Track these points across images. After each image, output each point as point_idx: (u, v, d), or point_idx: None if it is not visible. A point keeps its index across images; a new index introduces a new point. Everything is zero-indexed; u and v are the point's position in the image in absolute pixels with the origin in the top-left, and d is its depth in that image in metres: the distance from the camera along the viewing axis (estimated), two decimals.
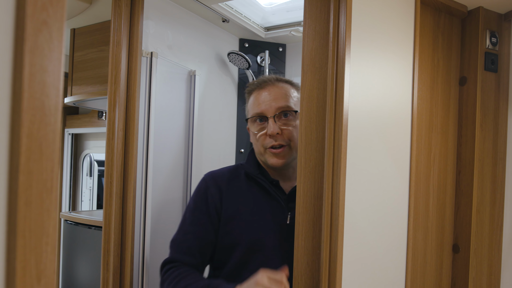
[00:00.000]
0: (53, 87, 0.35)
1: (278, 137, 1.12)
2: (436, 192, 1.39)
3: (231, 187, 1.18)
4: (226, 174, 1.22)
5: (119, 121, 1.41)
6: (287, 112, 1.13)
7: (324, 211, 0.99)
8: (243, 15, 1.88)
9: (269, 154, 1.14)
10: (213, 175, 1.22)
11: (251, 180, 1.18)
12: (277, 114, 1.12)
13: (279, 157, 1.13)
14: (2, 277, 0.34)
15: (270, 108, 1.12)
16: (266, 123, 1.13)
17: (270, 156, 1.14)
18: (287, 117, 1.13)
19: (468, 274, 1.37)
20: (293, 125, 1.13)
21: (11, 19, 0.34)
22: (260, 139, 1.15)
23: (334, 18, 1.02)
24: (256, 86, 1.19)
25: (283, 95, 1.14)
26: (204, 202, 1.17)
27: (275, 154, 1.13)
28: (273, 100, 1.13)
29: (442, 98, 1.41)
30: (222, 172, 1.23)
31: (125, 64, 1.43)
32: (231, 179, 1.20)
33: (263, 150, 1.15)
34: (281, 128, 1.12)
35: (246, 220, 1.13)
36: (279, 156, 1.13)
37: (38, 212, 0.35)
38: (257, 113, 1.15)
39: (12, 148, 0.34)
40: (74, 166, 2.89)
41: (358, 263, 1.07)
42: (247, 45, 2.09)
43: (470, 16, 1.42)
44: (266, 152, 1.14)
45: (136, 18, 1.44)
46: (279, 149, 1.12)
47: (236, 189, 1.17)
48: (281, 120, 1.13)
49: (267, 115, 1.13)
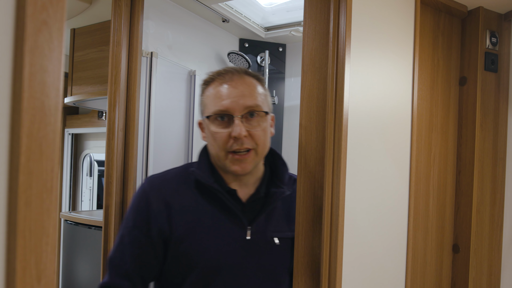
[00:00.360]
0: (53, 87, 0.35)
1: (245, 140, 0.95)
2: (436, 192, 1.39)
3: (181, 200, 0.99)
4: (173, 182, 1.02)
5: (119, 121, 1.41)
6: (254, 112, 0.97)
7: (324, 211, 0.99)
8: (243, 15, 1.88)
9: (231, 159, 0.96)
10: (157, 184, 1.01)
11: (204, 189, 0.99)
12: (245, 114, 0.96)
13: (244, 163, 0.96)
14: (2, 277, 0.34)
15: (238, 106, 0.94)
16: (229, 122, 0.96)
17: (233, 162, 0.96)
18: (254, 117, 0.97)
19: (468, 274, 1.37)
20: (262, 127, 0.98)
21: (11, 19, 0.34)
22: (221, 141, 0.96)
23: (334, 18, 1.02)
24: (218, 76, 0.99)
25: (252, 91, 0.98)
26: (145, 220, 0.97)
27: (239, 160, 0.96)
28: (241, 97, 0.95)
29: (442, 98, 1.41)
30: (167, 180, 1.02)
31: (125, 64, 1.43)
32: (179, 190, 1.00)
33: (223, 155, 0.97)
34: (248, 130, 0.95)
35: (201, 240, 0.96)
36: (244, 162, 0.96)
37: (38, 212, 0.35)
38: (220, 110, 0.95)
39: (12, 148, 0.34)
40: (74, 166, 2.89)
41: (358, 263, 1.07)
42: (247, 45, 2.09)
43: (470, 16, 1.42)
44: (227, 157, 0.96)
45: (136, 18, 1.44)
46: (245, 154, 0.96)
47: (187, 203, 0.99)
48: (248, 121, 0.96)
49: (233, 114, 0.95)
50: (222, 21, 1.86)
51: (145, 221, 0.98)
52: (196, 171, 1.00)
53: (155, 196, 0.99)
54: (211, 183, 0.98)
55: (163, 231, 0.97)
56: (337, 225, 0.98)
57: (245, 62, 1.90)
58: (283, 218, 1.06)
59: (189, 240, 0.96)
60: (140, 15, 1.45)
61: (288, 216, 1.06)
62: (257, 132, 0.97)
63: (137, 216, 1.00)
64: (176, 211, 0.97)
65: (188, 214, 0.98)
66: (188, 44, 1.79)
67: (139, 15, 1.45)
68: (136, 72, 1.44)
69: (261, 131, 0.98)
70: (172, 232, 0.97)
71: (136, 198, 1.02)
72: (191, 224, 0.97)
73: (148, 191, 1.00)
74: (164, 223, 0.97)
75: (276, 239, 1.02)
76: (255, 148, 0.97)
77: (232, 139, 0.95)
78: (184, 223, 0.97)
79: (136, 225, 0.99)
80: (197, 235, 0.97)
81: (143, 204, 0.99)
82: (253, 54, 2.10)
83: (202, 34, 1.87)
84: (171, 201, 0.98)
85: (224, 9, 1.77)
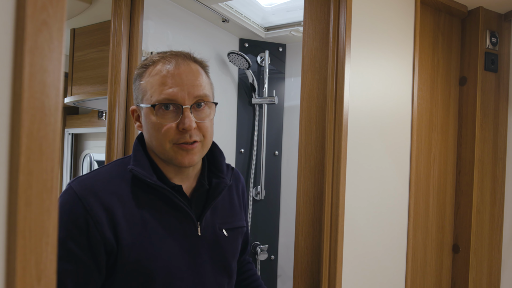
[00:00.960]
0: (53, 87, 0.35)
1: (193, 131, 0.88)
2: (436, 192, 1.39)
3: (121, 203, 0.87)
4: (108, 182, 0.89)
5: (119, 121, 1.42)
6: (202, 102, 0.90)
7: (324, 211, 0.99)
8: (243, 15, 1.88)
9: (177, 151, 0.88)
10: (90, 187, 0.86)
11: (146, 188, 0.90)
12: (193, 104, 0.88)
13: (191, 154, 0.89)
14: (2, 277, 0.34)
15: (187, 95, 0.86)
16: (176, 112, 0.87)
17: (179, 154, 0.88)
18: (201, 108, 0.90)
19: (468, 274, 1.37)
20: (210, 118, 0.92)
21: (11, 19, 0.34)
22: (166, 132, 0.87)
23: (334, 18, 1.02)
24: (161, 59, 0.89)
25: (200, 80, 0.90)
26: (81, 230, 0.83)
27: (187, 152, 0.88)
28: (190, 86, 0.87)
29: (442, 98, 1.41)
30: (101, 180, 0.89)
31: (125, 64, 1.44)
32: (118, 191, 0.88)
33: (168, 146, 0.88)
34: (197, 122, 0.88)
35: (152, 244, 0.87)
36: (191, 153, 0.89)
37: (38, 212, 0.35)
38: (167, 99, 0.86)
39: (12, 148, 0.34)
40: (74, 166, 2.89)
41: (358, 263, 1.07)
42: (247, 45, 2.09)
43: (470, 16, 1.42)
44: (172, 149, 0.89)
45: (136, 18, 1.45)
46: (191, 145, 0.89)
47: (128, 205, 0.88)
48: (196, 112, 0.89)
49: (182, 103, 0.86)
50: (222, 21, 1.86)
51: (81, 230, 0.83)
52: (135, 169, 0.89)
53: (90, 201, 0.84)
54: (154, 180, 0.89)
55: (107, 241, 0.84)
56: (337, 225, 0.98)
57: (245, 62, 1.90)
58: (228, 209, 1.02)
59: (139, 247, 0.86)
60: (140, 15, 1.45)
61: (231, 206, 1.04)
62: (205, 123, 0.90)
63: (70, 225, 0.83)
64: (119, 217, 0.86)
65: (133, 218, 0.87)
66: (188, 44, 1.79)
67: (139, 15, 1.45)
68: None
69: (209, 122, 0.91)
70: (118, 241, 0.85)
71: (65, 205, 0.85)
72: (138, 229, 0.87)
73: (81, 195, 0.85)
74: (107, 232, 0.84)
75: (224, 231, 0.99)
76: (202, 140, 0.90)
77: (179, 131, 0.87)
78: (131, 229, 0.86)
79: (68, 236, 0.83)
80: (146, 240, 0.87)
81: (77, 211, 0.84)
82: (253, 54, 2.10)
83: (202, 34, 1.87)
84: (110, 206, 0.86)
85: (224, 9, 1.77)
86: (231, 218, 1.02)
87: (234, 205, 1.04)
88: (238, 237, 1.03)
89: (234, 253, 1.03)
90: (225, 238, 0.98)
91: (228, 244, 1.00)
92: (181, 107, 0.86)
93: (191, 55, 0.93)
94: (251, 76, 2.02)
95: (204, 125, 0.89)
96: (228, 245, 1.00)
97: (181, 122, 0.86)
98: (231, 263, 1.01)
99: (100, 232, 0.83)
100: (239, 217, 1.05)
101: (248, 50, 2.09)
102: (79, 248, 0.83)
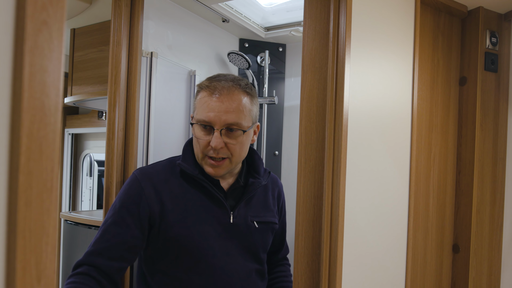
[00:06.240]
0: (53, 87, 0.35)
1: (221, 150, 1.06)
2: (436, 192, 1.39)
3: (169, 189, 1.08)
4: (161, 172, 1.11)
5: (119, 121, 1.41)
6: (233, 128, 1.07)
7: (324, 211, 0.99)
8: (243, 15, 1.88)
9: (207, 162, 1.08)
10: (147, 173, 1.10)
11: (190, 179, 1.10)
12: (224, 128, 1.06)
13: (218, 168, 1.08)
14: (2, 277, 0.34)
15: (219, 120, 1.04)
16: (210, 131, 1.06)
17: (208, 165, 1.08)
18: (234, 132, 1.07)
19: (468, 274, 1.37)
20: (238, 140, 1.08)
21: (11, 19, 0.34)
22: (201, 144, 1.07)
23: (334, 18, 1.02)
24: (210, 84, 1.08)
25: (235, 108, 1.06)
26: (134, 203, 1.05)
27: (213, 165, 1.07)
28: (223, 113, 1.04)
29: (442, 98, 1.41)
30: (156, 170, 1.12)
31: (125, 64, 1.43)
32: (167, 179, 1.10)
33: (201, 156, 1.09)
34: (226, 142, 1.06)
35: (191, 225, 1.05)
36: (218, 167, 1.08)
37: (38, 212, 0.35)
38: (204, 120, 1.06)
39: (12, 148, 0.34)
40: (74, 166, 2.89)
41: (358, 263, 1.07)
42: (247, 45, 2.09)
43: (470, 16, 1.42)
44: (204, 159, 1.09)
45: (136, 18, 1.44)
46: (219, 161, 1.07)
47: (175, 191, 1.08)
48: (227, 134, 1.07)
49: (213, 126, 1.05)
50: (222, 21, 1.86)
51: (135, 203, 1.04)
52: (182, 163, 1.10)
53: (146, 183, 1.06)
54: (196, 174, 1.08)
55: (153, 215, 1.04)
56: (337, 225, 0.98)
57: (245, 62, 1.90)
58: (261, 205, 1.18)
59: (179, 225, 1.04)
60: (140, 15, 1.45)
61: (264, 203, 1.20)
62: (233, 145, 1.07)
63: (127, 198, 1.06)
64: (167, 198, 1.06)
65: (178, 201, 1.06)
66: (188, 44, 1.79)
67: (139, 15, 1.45)
68: (136, 72, 1.44)
69: (238, 144, 1.07)
70: (162, 217, 1.04)
71: (127, 185, 1.09)
72: (181, 210, 1.06)
73: (140, 178, 1.08)
74: (155, 207, 1.04)
75: (255, 223, 1.14)
76: (229, 157, 1.08)
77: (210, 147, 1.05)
78: (174, 209, 1.05)
79: (123, 206, 1.05)
80: (186, 220, 1.05)
81: (134, 188, 1.06)
82: (253, 54, 2.10)
83: (202, 34, 1.87)
84: (161, 189, 1.06)
85: (224, 9, 1.77)
86: (263, 213, 1.18)
87: (268, 204, 1.20)
88: (268, 231, 1.18)
89: (263, 243, 1.18)
90: (255, 229, 1.14)
91: (258, 234, 1.15)
92: (213, 129, 1.05)
93: (237, 81, 1.09)
94: (251, 76, 2.02)
95: (232, 146, 1.07)
96: (258, 235, 1.15)
97: (211, 141, 1.05)
98: (259, 252, 1.16)
99: (150, 206, 1.04)
100: (271, 214, 1.20)
101: (248, 50, 2.09)
102: (129, 216, 1.03)
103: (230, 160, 1.08)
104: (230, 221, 1.10)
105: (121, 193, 1.08)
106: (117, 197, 1.09)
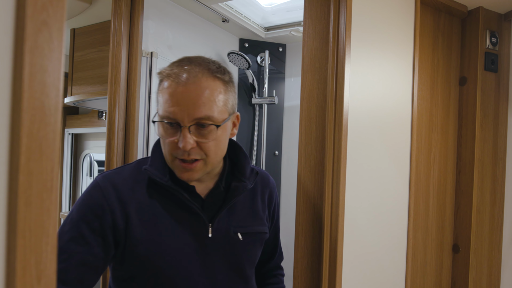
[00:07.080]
0: (53, 87, 0.35)
1: (192, 150, 0.87)
2: (436, 192, 1.39)
3: (137, 200, 0.91)
4: (128, 179, 0.93)
5: (119, 121, 1.41)
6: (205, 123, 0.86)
7: (324, 211, 0.99)
8: (243, 15, 1.88)
9: (178, 166, 0.89)
10: (111, 180, 0.92)
11: (160, 187, 0.93)
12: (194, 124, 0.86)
13: (191, 172, 0.89)
14: (2, 277, 0.34)
15: (186, 115, 0.84)
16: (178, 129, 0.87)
17: (179, 169, 0.89)
18: (206, 127, 0.87)
19: (468, 274, 1.37)
20: (212, 137, 0.88)
21: (11, 19, 0.34)
22: (168, 145, 0.88)
23: (334, 18, 1.02)
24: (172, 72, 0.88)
25: (206, 99, 0.85)
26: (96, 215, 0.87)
27: (186, 169, 0.89)
28: (191, 106, 0.84)
29: (442, 98, 1.41)
30: (123, 177, 0.93)
31: (125, 64, 1.44)
32: (134, 188, 0.92)
33: (170, 158, 0.90)
34: (197, 141, 0.86)
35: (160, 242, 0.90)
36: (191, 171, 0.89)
37: (38, 212, 0.35)
38: (168, 117, 0.85)
39: (12, 148, 0.34)
40: (74, 166, 2.89)
41: (358, 262, 1.07)
42: (247, 45, 2.09)
43: (470, 16, 1.42)
44: (173, 162, 0.89)
45: (136, 18, 1.45)
46: (191, 164, 0.88)
47: (143, 202, 0.91)
48: (198, 130, 0.87)
49: (180, 123, 0.85)
50: (222, 21, 1.86)
51: (96, 215, 0.87)
52: (149, 169, 0.92)
53: (110, 193, 0.89)
54: (165, 181, 0.91)
55: (118, 230, 0.88)
56: (337, 225, 0.98)
57: (245, 62, 1.90)
58: (247, 212, 1.00)
59: (147, 242, 0.89)
60: (140, 15, 1.45)
61: (251, 210, 1.01)
62: (206, 144, 0.88)
63: (87, 210, 0.88)
64: (132, 211, 0.90)
65: (145, 215, 0.90)
66: (188, 44, 1.79)
67: (139, 15, 1.45)
68: (136, 72, 1.44)
69: (212, 142, 0.88)
70: (128, 233, 0.89)
71: (87, 193, 0.91)
72: (149, 225, 0.90)
73: (102, 186, 0.90)
74: (119, 222, 0.88)
75: (239, 235, 0.96)
76: (204, 158, 0.89)
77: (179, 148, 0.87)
78: (141, 224, 0.90)
79: (83, 219, 0.87)
80: (155, 236, 0.90)
81: (96, 198, 0.89)
82: (253, 54, 2.10)
83: (202, 34, 1.87)
84: (127, 200, 0.90)
85: (224, 9, 1.77)
86: (250, 223, 0.99)
87: (255, 210, 1.01)
88: (256, 243, 1.00)
89: (250, 258, 1.00)
90: (239, 242, 0.96)
91: (243, 248, 0.97)
92: (180, 126, 0.85)
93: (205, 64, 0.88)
94: (251, 76, 2.03)
95: (205, 145, 0.87)
96: (243, 249, 0.97)
97: (179, 141, 0.85)
98: (245, 268, 0.99)
99: (113, 219, 0.88)
100: (259, 223, 1.01)
101: (248, 50, 2.09)
102: (89, 231, 0.86)
103: (204, 162, 0.89)
104: (208, 235, 0.93)
105: (80, 203, 0.89)
106: (75, 206, 0.90)
